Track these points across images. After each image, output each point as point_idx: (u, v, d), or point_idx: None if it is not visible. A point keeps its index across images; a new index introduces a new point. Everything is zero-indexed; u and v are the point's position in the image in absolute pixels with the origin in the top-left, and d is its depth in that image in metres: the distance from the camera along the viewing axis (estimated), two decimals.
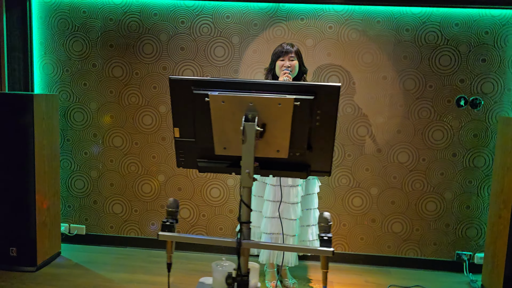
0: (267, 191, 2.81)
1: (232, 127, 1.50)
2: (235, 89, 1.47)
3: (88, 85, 3.51)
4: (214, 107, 1.47)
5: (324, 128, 1.51)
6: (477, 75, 3.25)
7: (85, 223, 3.66)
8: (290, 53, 2.74)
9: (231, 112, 1.47)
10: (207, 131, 1.54)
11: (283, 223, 2.78)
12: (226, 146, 1.54)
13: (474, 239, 3.41)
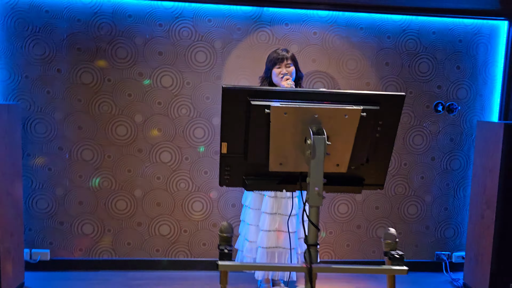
0: (264, 203, 2.68)
1: (292, 141, 1.37)
2: (297, 99, 1.34)
3: (52, 92, 3.14)
4: (274, 120, 1.33)
5: (383, 139, 1.44)
6: (452, 81, 3.39)
7: (49, 247, 3.26)
8: (286, 59, 2.65)
9: (293, 125, 1.35)
10: (260, 146, 1.40)
11: (281, 236, 2.68)
12: (282, 162, 1.40)
13: (451, 239, 3.55)
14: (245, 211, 2.83)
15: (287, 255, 2.70)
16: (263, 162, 1.43)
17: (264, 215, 2.68)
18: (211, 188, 3.31)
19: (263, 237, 2.67)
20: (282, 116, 1.33)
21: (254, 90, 1.34)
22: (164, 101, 3.21)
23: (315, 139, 1.29)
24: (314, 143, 1.29)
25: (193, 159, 3.28)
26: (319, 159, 1.30)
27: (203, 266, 3.35)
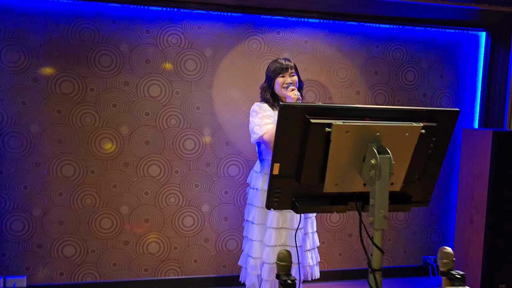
0: (269, 218, 2.59)
1: (349, 161, 1.30)
2: (359, 117, 1.28)
3: (27, 104, 2.87)
4: (335, 138, 1.25)
5: (435, 156, 1.41)
6: (436, 90, 3.49)
7: (26, 272, 2.97)
8: (290, 68, 2.57)
9: (352, 144, 1.28)
10: (315, 166, 1.31)
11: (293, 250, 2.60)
12: (338, 182, 1.33)
13: (437, 243, 3.64)
14: (248, 227, 2.71)
15: (293, 270, 2.62)
16: (315, 183, 1.34)
17: (269, 230, 2.58)
18: (202, 201, 3.17)
19: (269, 252, 2.57)
20: (343, 135, 1.26)
21: (314, 108, 1.25)
22: (152, 111, 3.04)
23: (380, 159, 1.23)
24: (380, 163, 1.23)
25: (183, 172, 3.12)
26: (385, 180, 1.24)
27: (195, 283, 3.20)
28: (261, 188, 2.60)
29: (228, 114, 3.15)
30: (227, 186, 3.20)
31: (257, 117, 2.55)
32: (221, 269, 3.25)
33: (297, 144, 1.30)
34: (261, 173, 2.62)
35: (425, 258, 3.62)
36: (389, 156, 1.24)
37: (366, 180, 1.30)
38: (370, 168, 1.27)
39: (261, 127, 2.50)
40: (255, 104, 2.62)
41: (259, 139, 2.51)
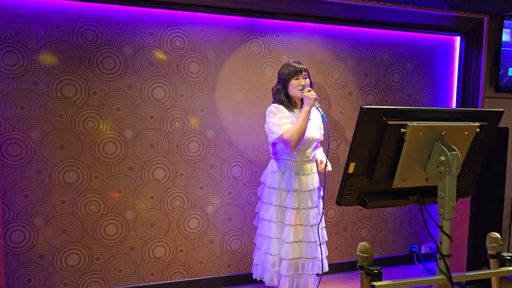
0: (288, 216, 2.68)
1: (418, 158, 1.43)
2: (427, 118, 1.40)
3: (27, 108, 2.74)
4: (409, 138, 1.38)
5: (480, 152, 1.57)
6: (419, 90, 3.75)
7: (27, 285, 2.84)
8: (304, 71, 2.68)
9: (422, 143, 1.40)
10: (387, 164, 1.43)
11: (304, 246, 2.71)
12: (405, 178, 1.45)
13: (421, 233, 3.91)
14: (265, 225, 2.78)
15: (310, 264, 2.74)
16: (384, 180, 1.46)
17: (288, 227, 2.67)
18: (207, 203, 3.19)
19: (288, 249, 2.66)
20: (416, 135, 1.38)
21: (390, 110, 1.36)
22: (156, 114, 3.01)
23: (450, 156, 1.36)
24: (450, 159, 1.36)
25: (188, 175, 3.12)
26: (453, 174, 1.38)
27: (201, 285, 3.22)
28: (278, 187, 2.69)
29: (230, 116, 3.19)
30: (231, 187, 3.24)
31: (275, 117, 2.63)
32: (225, 269, 3.29)
33: (372, 144, 1.40)
34: (278, 173, 2.71)
35: (411, 247, 3.87)
36: (457, 153, 1.38)
37: (433, 176, 1.43)
38: (438, 164, 1.41)
39: (280, 127, 2.59)
40: (272, 105, 2.70)
41: (278, 138, 2.59)
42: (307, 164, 2.74)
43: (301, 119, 2.55)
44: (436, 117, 1.42)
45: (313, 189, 2.75)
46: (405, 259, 3.85)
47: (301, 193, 2.70)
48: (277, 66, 3.26)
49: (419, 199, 1.51)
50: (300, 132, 2.55)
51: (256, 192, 3.29)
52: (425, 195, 1.54)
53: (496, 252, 1.56)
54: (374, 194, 1.50)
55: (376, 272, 1.35)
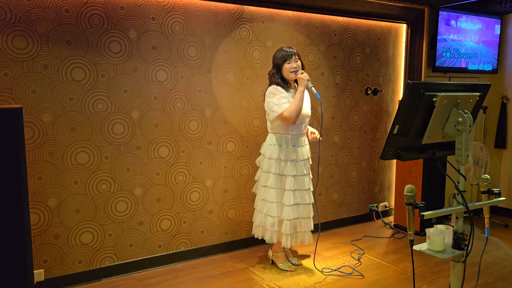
0: (288, 182, 3.07)
1: (442, 120, 1.90)
2: (449, 90, 1.88)
3: (38, 92, 2.77)
4: (438, 105, 1.84)
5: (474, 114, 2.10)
6: (375, 70, 4.33)
7: (43, 266, 2.90)
8: (294, 55, 3.05)
9: (445, 109, 1.88)
10: (419, 125, 1.88)
11: (301, 208, 3.12)
12: (431, 136, 1.92)
13: (378, 194, 4.56)
14: (266, 191, 3.14)
15: (306, 223, 3.17)
16: (415, 138, 1.91)
17: (288, 192, 3.07)
18: (206, 177, 3.46)
19: (288, 211, 3.07)
20: (442, 102, 1.85)
21: (426, 84, 1.81)
22: (160, 95, 3.19)
23: (467, 117, 1.86)
24: (466, 119, 1.86)
25: (189, 151, 3.36)
26: (468, 130, 1.87)
27: (203, 252, 3.50)
28: (277, 158, 3.09)
29: (224, 96, 3.47)
30: (226, 161, 3.55)
31: (274, 97, 3.01)
32: (223, 236, 3.61)
33: (410, 110, 1.84)
34: (277, 145, 3.09)
35: (370, 207, 4.51)
36: (470, 115, 1.88)
37: (452, 133, 1.92)
38: (456, 124, 1.89)
39: (280, 106, 2.97)
40: (271, 87, 3.06)
41: (279, 116, 2.98)
42: (301, 137, 3.16)
43: (298, 98, 2.95)
44: (454, 89, 1.90)
45: (307, 158, 3.18)
46: (367, 216, 4.48)
47: (298, 162, 3.11)
48: (263, 50, 3.59)
49: (436, 152, 1.99)
50: (298, 110, 2.96)
51: (248, 164, 3.64)
52: (441, 149, 2.03)
53: (487, 188, 2.11)
54: (407, 149, 1.95)
55: (422, 205, 1.81)
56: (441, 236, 1.95)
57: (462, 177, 1.93)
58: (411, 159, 2.02)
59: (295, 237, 3.18)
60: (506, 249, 3.73)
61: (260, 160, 3.25)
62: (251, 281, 3.09)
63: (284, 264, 3.29)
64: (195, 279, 3.11)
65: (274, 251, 3.34)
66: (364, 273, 3.20)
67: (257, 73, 3.59)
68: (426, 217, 1.79)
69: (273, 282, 3.07)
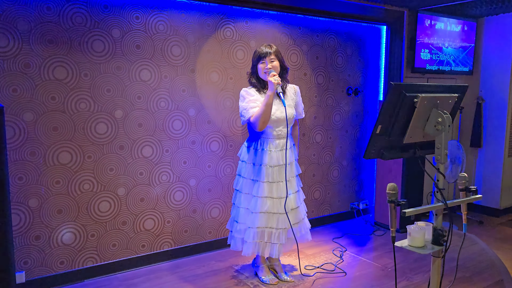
0: (256, 188, 2.88)
1: (422, 120, 1.97)
2: (429, 91, 1.94)
3: (19, 91, 2.73)
4: (419, 106, 1.90)
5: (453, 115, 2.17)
6: (356, 71, 4.41)
7: (24, 267, 2.86)
8: (269, 55, 2.80)
9: (426, 109, 1.94)
10: (401, 126, 1.94)
11: (271, 217, 2.89)
12: (412, 135, 1.98)
13: (358, 192, 4.65)
14: (236, 195, 3.03)
15: (276, 234, 2.91)
16: (397, 137, 1.97)
17: (255, 198, 2.88)
18: (190, 176, 3.47)
19: (254, 218, 2.88)
20: (423, 103, 1.91)
21: (406, 86, 1.87)
22: (143, 95, 3.18)
23: (446, 118, 1.92)
24: (445, 120, 1.92)
25: (172, 151, 3.36)
26: (447, 130, 1.94)
27: (186, 252, 3.51)
28: (247, 161, 2.93)
29: (208, 96, 3.48)
30: (210, 161, 3.56)
31: (244, 101, 2.83)
32: (207, 235, 3.62)
33: (393, 110, 1.89)
34: (250, 148, 2.94)
35: (352, 205, 4.59)
36: (449, 116, 1.95)
37: (432, 133, 1.98)
38: (435, 124, 1.96)
39: (248, 111, 2.79)
40: (242, 90, 2.89)
41: (247, 121, 2.81)
42: (278, 140, 2.89)
43: (264, 103, 2.70)
44: (434, 91, 1.97)
45: (282, 164, 2.88)
46: (348, 214, 4.56)
47: (271, 167, 2.87)
48: (246, 50, 3.62)
49: (417, 151, 2.06)
50: (264, 116, 2.71)
51: (231, 164, 3.66)
52: (421, 148, 2.09)
53: (464, 186, 2.18)
54: (389, 148, 2.00)
55: (404, 203, 1.87)
56: (421, 232, 2.01)
57: (441, 175, 2.00)
58: (393, 158, 2.08)
59: (261, 247, 2.93)
60: (482, 245, 3.85)
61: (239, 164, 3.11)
62: (235, 279, 3.11)
63: (266, 277, 3.07)
64: (179, 279, 3.11)
65: (256, 262, 3.18)
66: (346, 270, 3.26)
67: (240, 73, 3.61)
68: (407, 214, 1.85)
69: (257, 280, 3.10)
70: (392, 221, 1.93)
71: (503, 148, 4.77)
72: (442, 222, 2.11)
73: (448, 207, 1.96)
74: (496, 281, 3.12)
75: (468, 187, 2.16)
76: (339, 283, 3.06)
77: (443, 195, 1.99)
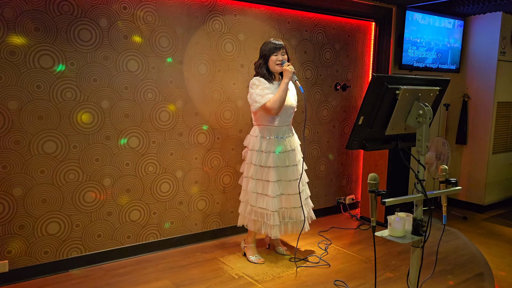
0: (269, 174, 3.09)
1: (404, 112, 2.00)
2: (412, 84, 1.97)
3: (4, 79, 2.71)
4: (401, 98, 1.93)
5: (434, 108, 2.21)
6: (344, 66, 4.44)
7: (7, 256, 2.85)
8: (282, 48, 3.09)
9: (407, 102, 1.97)
10: (383, 117, 1.97)
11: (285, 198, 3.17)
12: (394, 128, 2.01)
13: (345, 187, 4.68)
14: (248, 182, 3.17)
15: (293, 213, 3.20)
16: (380, 129, 2.00)
17: (269, 183, 3.08)
18: (177, 168, 3.47)
19: (273, 202, 3.07)
20: (404, 95, 1.93)
21: (389, 77, 1.89)
22: (130, 85, 3.17)
23: (427, 110, 1.95)
24: (426, 112, 1.95)
25: (159, 142, 3.36)
26: (428, 123, 1.97)
27: (172, 243, 3.51)
28: (258, 149, 3.11)
29: (196, 88, 3.48)
30: (197, 153, 3.56)
31: (258, 88, 3.03)
32: (193, 227, 3.63)
33: (375, 102, 1.92)
34: (259, 137, 3.12)
35: (338, 199, 4.63)
36: (430, 108, 1.98)
37: (413, 125, 2.01)
38: (417, 116, 1.99)
39: (263, 97, 3.00)
40: (254, 78, 3.09)
41: (262, 107, 3.00)
42: (285, 127, 3.16)
43: (282, 90, 2.98)
44: (416, 83, 2.00)
45: (291, 150, 3.16)
46: (334, 209, 4.60)
47: (281, 153, 3.11)
48: (235, 43, 3.62)
49: (399, 143, 2.09)
50: (281, 101, 2.98)
51: (218, 156, 3.67)
52: (403, 140, 2.12)
53: (445, 178, 2.22)
54: (372, 140, 2.03)
55: (384, 193, 1.90)
56: (401, 223, 2.04)
57: (421, 167, 2.04)
58: (375, 149, 2.11)
59: (284, 226, 3.21)
60: (464, 239, 3.92)
61: (244, 152, 3.28)
62: (220, 270, 3.13)
63: (254, 257, 3.30)
64: (164, 269, 3.12)
65: (246, 242, 3.38)
66: (331, 262, 3.30)
67: (229, 66, 3.62)
68: (387, 203, 1.88)
69: (241, 271, 3.12)
70: (373, 211, 1.96)
71: (488, 145, 4.84)
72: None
73: (428, 198, 1.99)
74: (476, 274, 3.18)
75: (448, 179, 2.20)
76: (323, 274, 3.10)
77: (423, 186, 2.02)
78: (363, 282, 2.99)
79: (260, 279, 3.00)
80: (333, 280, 3.00)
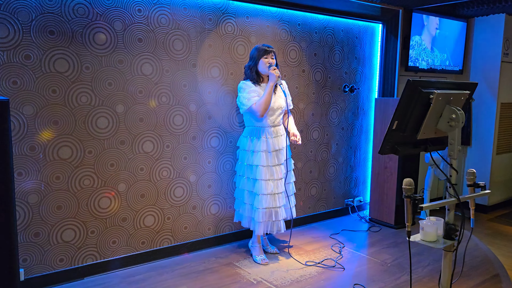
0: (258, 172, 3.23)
1: (435, 117, 1.99)
2: (444, 88, 1.97)
3: (19, 83, 2.64)
4: (434, 102, 1.92)
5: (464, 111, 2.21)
6: (353, 68, 4.44)
7: (23, 265, 2.78)
8: (272, 52, 3.21)
9: (440, 106, 1.96)
10: (416, 121, 1.96)
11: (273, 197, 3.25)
12: (425, 132, 2.01)
13: (353, 189, 4.69)
14: (240, 180, 3.37)
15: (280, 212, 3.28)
16: (411, 133, 1.99)
17: (258, 181, 3.21)
18: (190, 172, 3.43)
19: (260, 200, 3.21)
20: (438, 100, 1.93)
21: (423, 82, 1.89)
22: (145, 89, 3.13)
23: (460, 114, 1.95)
24: (459, 116, 1.95)
25: (173, 146, 3.32)
26: (460, 126, 1.97)
27: (185, 249, 3.47)
28: (248, 149, 3.27)
29: (209, 91, 3.45)
30: (210, 156, 3.53)
31: (245, 92, 3.20)
32: (206, 232, 3.60)
33: (409, 106, 1.91)
34: (248, 137, 3.28)
35: (347, 201, 4.63)
36: (462, 112, 1.98)
37: (445, 129, 2.01)
38: (449, 120, 1.99)
39: (249, 100, 3.16)
40: (241, 82, 3.26)
41: (248, 109, 3.17)
42: (273, 128, 3.29)
43: (266, 93, 3.14)
44: (448, 87, 1.99)
45: (279, 149, 3.28)
46: (343, 211, 4.60)
47: (268, 152, 3.23)
48: (247, 46, 3.60)
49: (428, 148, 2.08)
50: (265, 103, 3.13)
51: (231, 160, 3.65)
52: (433, 144, 2.12)
53: (472, 182, 2.23)
54: (403, 144, 2.02)
55: (420, 198, 1.89)
56: (434, 227, 2.04)
57: (454, 171, 2.03)
58: (406, 154, 2.10)
59: (269, 225, 3.29)
60: (475, 240, 3.94)
61: (237, 152, 3.45)
62: (237, 275, 3.10)
63: (258, 257, 3.36)
64: (180, 275, 3.08)
65: (252, 241, 3.46)
66: (346, 266, 3.29)
67: (241, 69, 3.59)
68: (424, 209, 1.87)
69: (259, 275, 3.10)
70: (408, 216, 1.95)
71: (491, 146, 4.89)
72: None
73: (461, 201, 1.99)
74: (492, 275, 3.20)
75: (476, 182, 2.20)
76: (341, 278, 3.09)
77: (456, 190, 2.02)
78: (382, 285, 2.98)
79: (279, 284, 2.98)
80: (352, 283, 2.99)
